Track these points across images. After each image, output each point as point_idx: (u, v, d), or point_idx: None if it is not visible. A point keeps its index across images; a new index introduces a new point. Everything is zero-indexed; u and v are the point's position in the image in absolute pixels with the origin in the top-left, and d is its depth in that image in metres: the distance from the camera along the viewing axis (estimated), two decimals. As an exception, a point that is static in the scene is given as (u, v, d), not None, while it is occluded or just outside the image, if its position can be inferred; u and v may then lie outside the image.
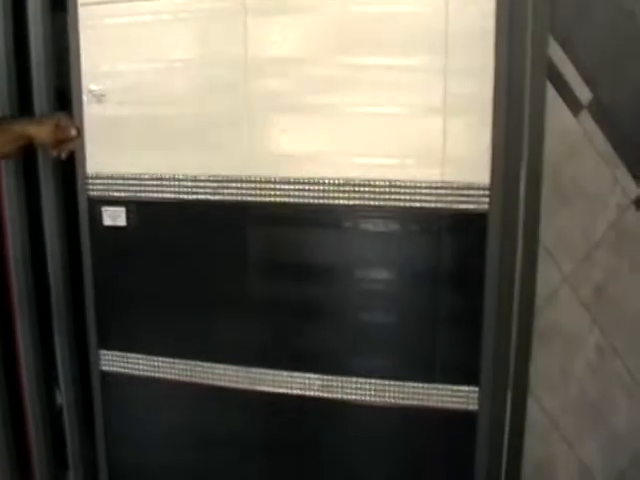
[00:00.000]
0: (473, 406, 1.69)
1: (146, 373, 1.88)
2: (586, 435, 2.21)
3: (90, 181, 1.81)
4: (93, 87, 1.75)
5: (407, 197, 1.62)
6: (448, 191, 1.60)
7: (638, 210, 1.95)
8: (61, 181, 1.94)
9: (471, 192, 1.59)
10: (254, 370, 1.79)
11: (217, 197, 1.72)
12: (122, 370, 1.90)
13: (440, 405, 1.71)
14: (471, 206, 1.60)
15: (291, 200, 1.68)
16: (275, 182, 1.68)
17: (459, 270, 1.65)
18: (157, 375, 1.87)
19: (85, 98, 1.77)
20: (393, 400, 1.73)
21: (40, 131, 1.72)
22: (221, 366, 1.81)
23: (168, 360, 1.85)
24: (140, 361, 1.88)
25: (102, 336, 1.90)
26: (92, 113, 1.77)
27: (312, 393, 1.77)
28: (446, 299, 1.66)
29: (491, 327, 1.64)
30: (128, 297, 1.86)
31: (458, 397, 1.70)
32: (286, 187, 1.68)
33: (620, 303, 1.90)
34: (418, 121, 1.60)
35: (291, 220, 1.70)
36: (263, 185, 1.69)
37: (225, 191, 1.71)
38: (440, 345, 1.68)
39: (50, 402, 2.26)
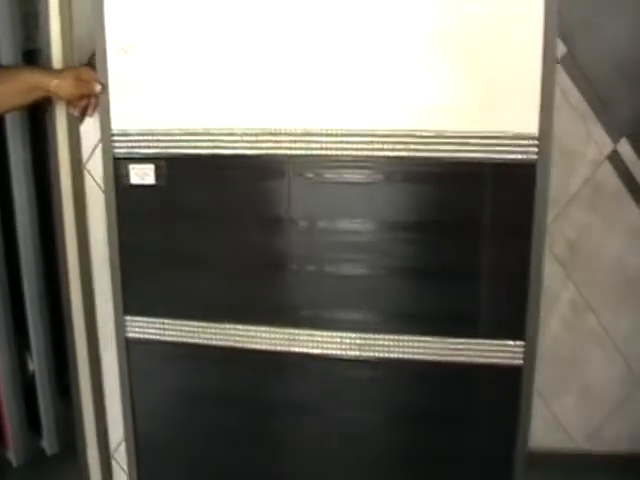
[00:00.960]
0: (518, 361, 1.70)
1: (175, 338, 1.83)
2: (561, 390, 2.26)
3: (116, 138, 1.74)
4: (119, 37, 1.68)
5: (454, 147, 1.60)
6: (496, 141, 1.59)
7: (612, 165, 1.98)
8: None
9: (519, 142, 1.58)
10: (293, 331, 1.76)
11: (254, 151, 1.68)
12: (148, 336, 1.84)
13: (484, 361, 1.70)
14: (519, 156, 1.59)
15: (334, 152, 1.65)
16: (317, 134, 1.64)
17: (507, 222, 1.64)
18: (188, 340, 1.82)
19: (109, 49, 1.69)
20: (437, 357, 1.72)
21: (60, 84, 1.64)
22: (258, 328, 1.78)
23: (199, 324, 1.80)
24: (167, 326, 1.83)
25: (126, 301, 1.84)
26: (117, 65, 1.70)
27: (351, 352, 1.75)
28: (492, 252, 1.65)
29: (537, 280, 1.64)
30: (155, 259, 1.81)
31: (503, 352, 1.69)
32: (328, 139, 1.64)
33: (594, 259, 1.93)
34: (466, 69, 1.58)
35: (334, 173, 1.67)
36: (303, 138, 1.65)
37: (262, 145, 1.67)
38: (487, 300, 1.68)
39: (22, 369, 2.22)
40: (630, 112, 1.97)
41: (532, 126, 1.57)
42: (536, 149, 1.58)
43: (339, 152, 1.64)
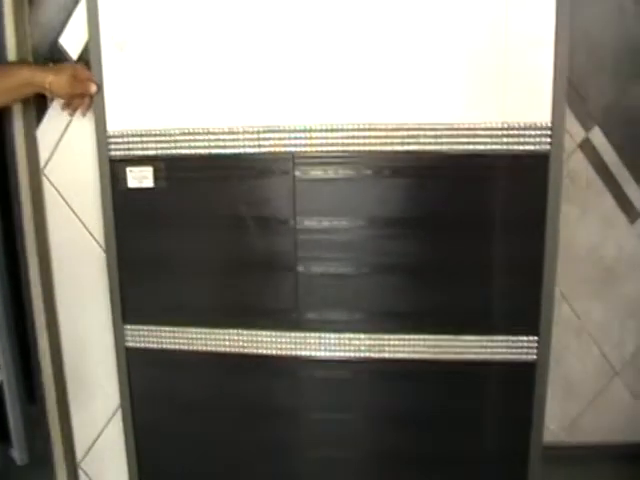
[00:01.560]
0: (532, 356, 1.67)
1: (176, 346, 1.77)
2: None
3: (112, 140, 1.68)
4: (114, 33, 1.62)
5: (465, 140, 1.58)
6: (507, 132, 1.56)
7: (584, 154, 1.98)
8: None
9: (532, 132, 1.56)
10: (300, 334, 1.72)
11: (256, 149, 1.63)
12: (149, 345, 1.79)
13: (498, 357, 1.68)
14: (531, 147, 1.56)
15: (340, 148, 1.61)
16: (323, 130, 1.61)
17: (519, 215, 1.61)
18: (190, 348, 1.77)
19: (104, 46, 1.63)
20: (450, 355, 1.69)
21: (55, 82, 1.58)
22: (261, 332, 1.73)
23: (202, 331, 1.75)
24: (168, 334, 1.77)
25: (125, 310, 1.78)
26: (113, 63, 1.64)
27: (363, 355, 1.72)
28: (504, 246, 1.63)
29: (551, 273, 1.62)
30: (155, 265, 1.75)
31: (517, 348, 1.67)
32: (334, 135, 1.60)
33: (568, 248, 1.93)
34: (478, 61, 1.56)
35: (342, 169, 1.63)
36: (308, 134, 1.61)
37: (264, 142, 1.62)
38: (499, 295, 1.65)
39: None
40: (602, 100, 1.96)
41: (545, 116, 1.55)
42: (549, 139, 1.55)
43: (346, 148, 1.61)
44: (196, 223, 1.70)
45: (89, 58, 1.65)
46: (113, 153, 1.68)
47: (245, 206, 1.67)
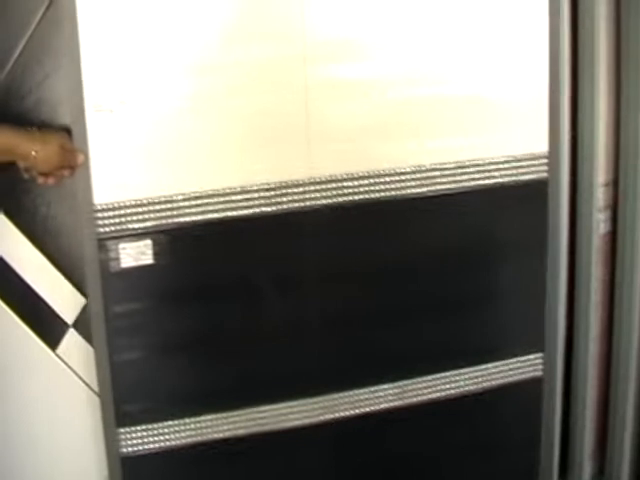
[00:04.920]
0: (538, 372, 1.81)
1: (184, 440, 1.61)
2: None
3: (100, 214, 1.46)
4: (100, 93, 1.42)
5: (475, 176, 1.66)
6: (510, 164, 1.67)
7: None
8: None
9: (531, 162, 1.69)
10: (321, 398, 1.67)
11: (272, 208, 1.54)
12: (152, 447, 1.60)
13: (508, 380, 1.79)
14: (532, 176, 1.70)
15: (364, 197, 1.60)
16: (340, 180, 1.57)
17: (523, 240, 1.74)
18: (203, 438, 1.61)
19: (88, 108, 1.42)
20: (466, 388, 1.77)
21: (43, 152, 1.36)
22: (288, 403, 1.65)
23: (219, 416, 1.61)
24: (174, 429, 1.60)
25: (120, 412, 1.57)
26: (99, 126, 1.43)
27: (387, 405, 1.72)
28: (508, 272, 1.75)
29: (555, 291, 1.78)
30: (157, 355, 1.57)
31: (525, 367, 1.80)
32: (352, 184, 1.58)
33: None
34: (480, 99, 1.65)
35: (358, 220, 1.61)
36: (326, 185, 1.57)
37: (282, 199, 1.55)
38: (508, 319, 1.77)
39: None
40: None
41: (542, 145, 1.69)
42: (546, 167, 1.70)
43: (368, 196, 1.60)
44: (205, 297, 1.56)
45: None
46: (102, 229, 1.47)
47: (261, 272, 1.58)
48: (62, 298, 1.63)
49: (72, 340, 1.65)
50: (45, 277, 1.62)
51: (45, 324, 1.64)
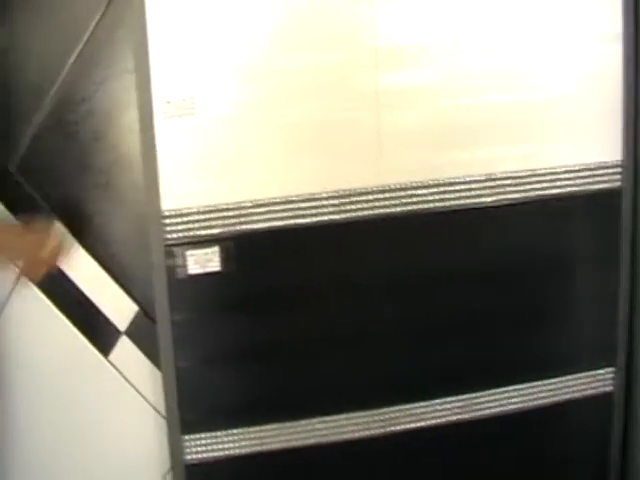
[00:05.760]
0: (608, 388, 1.77)
1: (248, 449, 1.60)
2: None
3: (167, 221, 1.47)
4: (170, 96, 1.42)
5: (546, 184, 1.62)
6: (583, 173, 1.64)
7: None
8: None
9: (605, 171, 1.65)
10: (385, 410, 1.65)
11: (341, 216, 1.53)
12: (216, 455, 1.59)
13: (578, 395, 1.75)
14: (605, 185, 1.66)
15: (427, 206, 1.57)
16: (410, 188, 1.55)
17: (595, 251, 1.70)
18: (263, 448, 1.61)
19: (157, 111, 1.43)
20: (536, 402, 1.73)
21: (30, 248, 1.44)
22: (345, 416, 1.63)
23: (281, 426, 1.61)
24: (238, 437, 1.59)
25: (184, 419, 1.57)
26: (168, 131, 1.44)
27: (452, 418, 1.69)
28: (581, 284, 1.71)
29: (627, 304, 1.74)
30: (221, 363, 1.57)
31: (595, 382, 1.76)
32: (421, 192, 1.56)
33: None
34: (551, 105, 1.62)
35: (427, 229, 1.59)
36: (396, 194, 1.55)
37: (351, 207, 1.53)
38: (579, 332, 1.73)
39: None
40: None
41: (615, 154, 1.65)
42: (620, 176, 1.66)
43: (438, 204, 1.58)
44: (272, 305, 1.55)
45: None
46: (169, 235, 1.48)
47: (328, 280, 1.56)
48: (115, 305, 1.66)
49: (124, 347, 1.67)
50: (98, 284, 1.65)
51: (98, 330, 1.67)
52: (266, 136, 1.48)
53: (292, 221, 1.52)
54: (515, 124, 1.61)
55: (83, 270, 1.64)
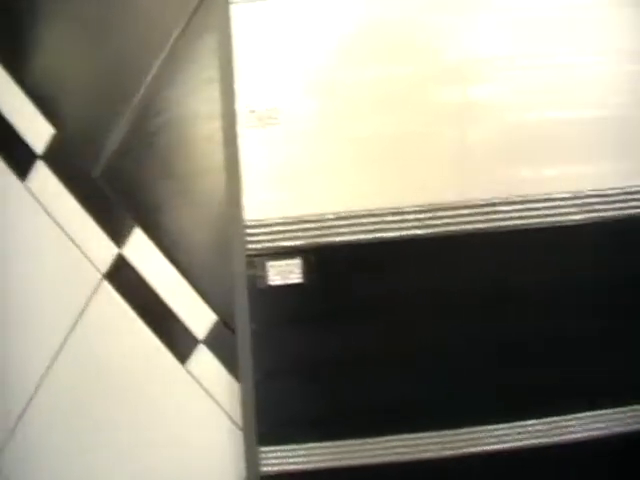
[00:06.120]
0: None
1: (325, 464, 1.59)
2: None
3: (249, 231, 1.47)
4: (254, 105, 1.43)
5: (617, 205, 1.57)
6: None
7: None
8: None
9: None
10: (464, 430, 1.61)
11: (424, 231, 1.51)
12: (291, 468, 1.58)
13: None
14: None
15: (512, 223, 1.54)
16: (494, 204, 1.52)
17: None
18: (339, 464, 1.59)
19: (241, 121, 1.43)
20: (619, 428, 1.67)
21: None
22: (424, 434, 1.60)
23: (358, 442, 1.58)
24: (316, 451, 1.58)
25: (262, 431, 1.57)
26: (252, 140, 1.44)
27: (533, 441, 1.64)
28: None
29: None
30: (299, 375, 1.56)
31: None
32: (505, 208, 1.53)
33: None
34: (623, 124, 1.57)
35: (512, 246, 1.55)
36: (479, 210, 1.52)
37: (435, 222, 1.51)
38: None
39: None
40: None
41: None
42: None
43: (523, 221, 1.54)
44: (351, 319, 1.54)
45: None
46: (251, 246, 1.48)
47: (412, 296, 1.54)
48: (193, 314, 1.67)
49: (202, 356, 1.68)
50: (178, 292, 1.66)
51: (175, 338, 1.68)
52: (349, 148, 1.48)
53: (375, 235, 1.50)
54: (604, 139, 1.56)
55: (162, 277, 1.67)
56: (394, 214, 1.50)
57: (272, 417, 1.56)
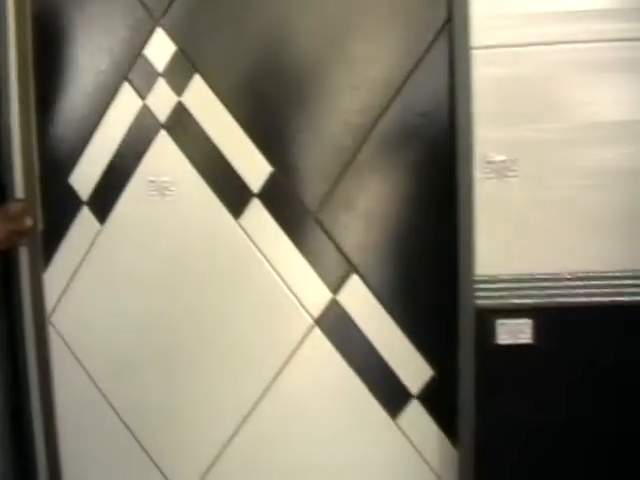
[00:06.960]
0: None
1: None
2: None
3: (480, 286, 1.43)
4: (493, 155, 1.40)
5: None
6: None
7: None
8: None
9: None
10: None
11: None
12: None
13: None
14: None
15: None
16: None
17: None
18: None
19: (478, 172, 1.41)
20: None
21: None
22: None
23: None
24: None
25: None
26: (487, 193, 1.41)
27: None
28: None
29: None
30: (521, 441, 1.49)
31: None
32: None
33: None
34: None
35: None
36: None
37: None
38: None
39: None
40: None
41: None
42: None
43: None
44: (584, 387, 1.46)
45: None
46: (480, 302, 1.44)
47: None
48: (408, 367, 1.61)
49: (414, 412, 1.62)
50: (393, 344, 1.61)
51: (387, 391, 1.63)
52: (585, 207, 1.42)
53: (613, 298, 1.42)
54: None
55: (379, 327, 1.62)
56: (632, 278, 1.42)
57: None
